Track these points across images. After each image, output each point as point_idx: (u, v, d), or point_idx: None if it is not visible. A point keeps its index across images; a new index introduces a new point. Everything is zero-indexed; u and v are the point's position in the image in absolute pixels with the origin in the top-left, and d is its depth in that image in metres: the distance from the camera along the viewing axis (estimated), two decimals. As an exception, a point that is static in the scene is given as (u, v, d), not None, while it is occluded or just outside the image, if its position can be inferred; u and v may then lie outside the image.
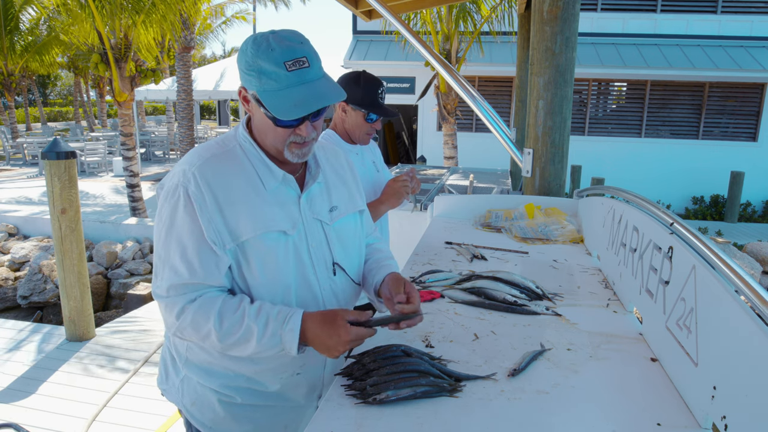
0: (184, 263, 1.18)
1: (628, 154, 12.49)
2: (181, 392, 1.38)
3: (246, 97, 1.23)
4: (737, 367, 0.95)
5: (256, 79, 1.16)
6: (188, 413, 1.38)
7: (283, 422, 1.40)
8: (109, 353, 4.26)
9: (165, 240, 1.20)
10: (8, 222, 9.02)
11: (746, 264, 7.45)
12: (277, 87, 1.15)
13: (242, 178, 1.23)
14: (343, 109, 2.15)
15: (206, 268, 1.18)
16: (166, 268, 1.20)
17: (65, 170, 4.26)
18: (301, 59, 1.15)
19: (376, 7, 3.84)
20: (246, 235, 1.20)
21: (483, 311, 1.65)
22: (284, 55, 1.14)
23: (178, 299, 1.18)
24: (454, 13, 9.02)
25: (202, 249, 1.18)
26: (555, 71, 2.94)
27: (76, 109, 29.27)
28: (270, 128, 1.21)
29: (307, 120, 1.21)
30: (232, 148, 1.27)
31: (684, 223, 1.35)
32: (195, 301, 1.18)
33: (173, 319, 1.19)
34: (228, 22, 19.02)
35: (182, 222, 1.19)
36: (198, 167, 1.21)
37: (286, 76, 1.14)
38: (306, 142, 1.23)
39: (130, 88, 9.00)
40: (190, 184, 1.19)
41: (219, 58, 39.74)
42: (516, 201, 2.92)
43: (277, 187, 1.27)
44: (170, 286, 1.18)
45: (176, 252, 1.18)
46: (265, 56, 1.14)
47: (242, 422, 1.35)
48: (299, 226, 1.27)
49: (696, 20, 12.47)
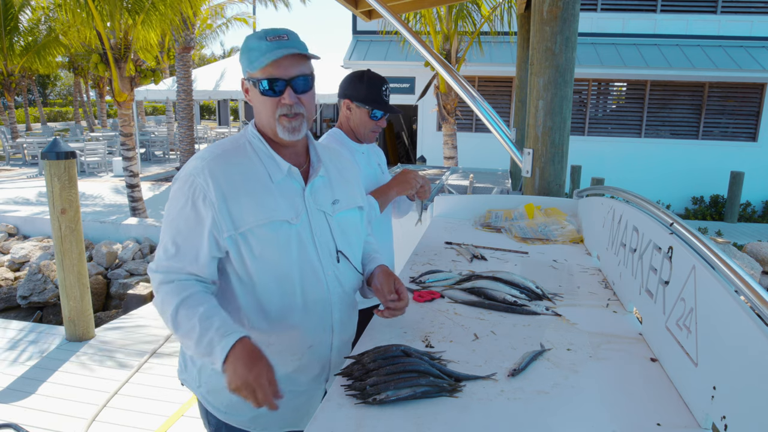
0: (173, 246, 1.30)
1: (628, 154, 12.49)
2: (199, 381, 1.46)
3: (247, 89, 1.37)
4: (737, 367, 0.95)
5: (246, 57, 1.32)
6: (205, 400, 1.46)
7: (294, 405, 1.46)
8: (108, 353, 4.26)
9: (166, 224, 1.33)
10: (8, 222, 9.01)
11: (746, 264, 7.45)
12: (258, 54, 1.30)
13: (250, 171, 1.34)
14: (347, 107, 2.15)
15: (189, 254, 1.29)
16: (161, 247, 1.33)
17: (65, 170, 4.26)
18: (281, 35, 1.32)
19: (376, 7, 3.84)
20: (248, 224, 1.29)
21: (483, 311, 1.65)
22: (267, 33, 1.32)
23: (159, 276, 1.31)
24: (454, 13, 9.02)
25: (192, 236, 1.29)
26: (555, 71, 2.94)
27: (75, 109, 29.26)
28: (261, 104, 1.34)
29: (288, 87, 1.32)
30: (242, 144, 1.38)
31: (684, 223, 1.35)
32: (172, 282, 1.30)
33: (155, 292, 1.32)
34: (229, 23, 19.00)
35: (183, 209, 1.30)
36: (208, 161, 1.31)
37: (267, 45, 1.31)
38: (295, 114, 1.34)
39: (129, 88, 8.99)
40: (198, 176, 1.29)
41: (219, 58, 39.77)
42: (516, 201, 2.92)
43: (283, 179, 1.36)
44: (158, 263, 1.32)
45: (170, 235, 1.31)
46: (252, 37, 1.33)
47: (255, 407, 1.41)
48: (303, 216, 1.37)
49: (696, 20, 12.47)
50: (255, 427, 1.44)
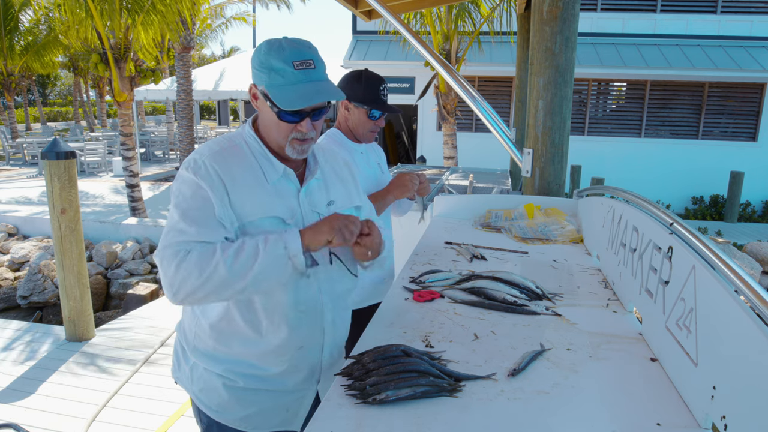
0: (188, 224, 1.25)
1: (628, 154, 12.49)
2: (191, 379, 1.46)
3: (255, 94, 1.36)
4: (737, 367, 0.95)
5: (266, 74, 1.29)
6: (197, 399, 1.46)
7: (284, 405, 1.47)
8: (108, 353, 4.26)
9: (173, 211, 1.29)
10: (8, 222, 9.01)
11: (746, 264, 7.45)
12: (283, 82, 1.27)
13: (247, 169, 1.34)
14: (345, 107, 2.16)
15: (207, 226, 1.26)
16: (171, 232, 1.26)
17: (65, 170, 4.26)
18: (307, 61, 1.29)
19: (376, 7, 3.84)
20: (250, 216, 1.30)
21: (483, 311, 1.65)
22: (293, 55, 1.28)
23: (180, 248, 1.23)
24: (454, 13, 9.01)
25: (204, 212, 1.26)
26: (555, 71, 2.94)
27: (75, 109, 29.25)
28: (274, 123, 1.33)
29: (308, 117, 1.32)
30: (238, 144, 1.38)
31: (684, 223, 1.35)
32: (193, 251, 1.23)
33: (173, 270, 1.20)
34: (228, 22, 19.01)
35: (189, 196, 1.28)
36: (207, 157, 1.32)
37: (292, 73, 1.27)
38: (306, 139, 1.35)
39: (129, 88, 8.99)
40: (200, 169, 1.29)
41: (219, 58, 39.73)
42: (516, 201, 2.92)
43: (278, 180, 1.37)
44: (168, 243, 1.25)
45: (181, 217, 1.26)
46: (276, 55, 1.28)
47: (246, 405, 1.42)
48: (297, 216, 1.37)
49: (696, 20, 12.47)
50: (246, 426, 1.44)
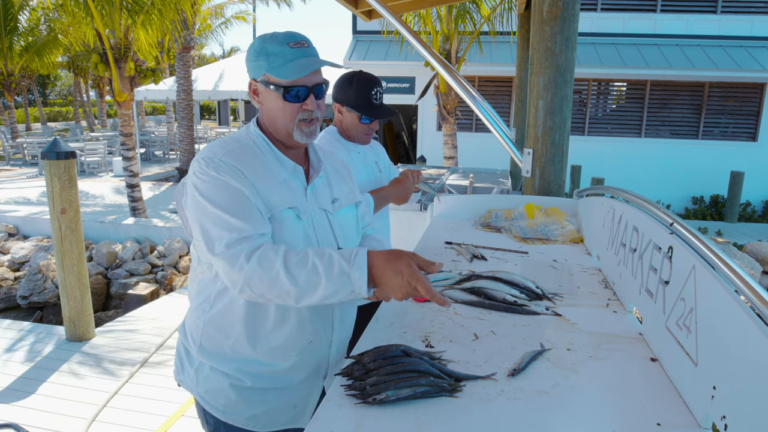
0: (236, 219, 1.23)
1: (628, 154, 12.49)
2: (196, 381, 1.45)
3: (256, 89, 1.38)
4: (737, 367, 0.95)
5: (265, 61, 1.32)
6: (203, 400, 1.45)
7: (292, 403, 1.46)
8: (108, 353, 4.26)
9: (209, 208, 1.25)
10: (8, 222, 9.01)
11: (746, 264, 7.45)
12: (283, 61, 1.32)
13: (262, 164, 1.35)
14: (338, 111, 2.15)
15: (255, 218, 1.25)
16: (218, 229, 1.23)
17: (65, 170, 4.26)
18: (301, 41, 1.35)
19: (376, 7, 3.84)
20: (277, 207, 1.31)
21: (483, 311, 1.65)
22: (287, 38, 1.34)
23: (240, 249, 1.21)
24: (454, 13, 9.02)
25: (245, 205, 1.25)
26: (555, 71, 2.94)
27: (75, 109, 29.26)
28: (280, 108, 1.35)
29: (311, 94, 1.35)
30: (246, 143, 1.38)
31: (684, 223, 1.35)
32: (259, 249, 1.21)
33: (237, 272, 1.20)
34: (228, 22, 18.99)
35: (223, 193, 1.25)
36: (223, 155, 1.30)
37: (290, 51, 1.32)
38: (312, 119, 1.37)
39: (129, 88, 8.99)
40: (221, 167, 1.28)
41: (219, 58, 39.74)
42: (516, 201, 2.92)
43: (288, 178, 1.38)
44: (229, 242, 1.22)
45: (224, 213, 1.24)
46: (270, 41, 1.33)
47: (254, 405, 1.42)
48: (308, 213, 1.39)
49: (696, 20, 12.47)
50: (254, 426, 1.44)
